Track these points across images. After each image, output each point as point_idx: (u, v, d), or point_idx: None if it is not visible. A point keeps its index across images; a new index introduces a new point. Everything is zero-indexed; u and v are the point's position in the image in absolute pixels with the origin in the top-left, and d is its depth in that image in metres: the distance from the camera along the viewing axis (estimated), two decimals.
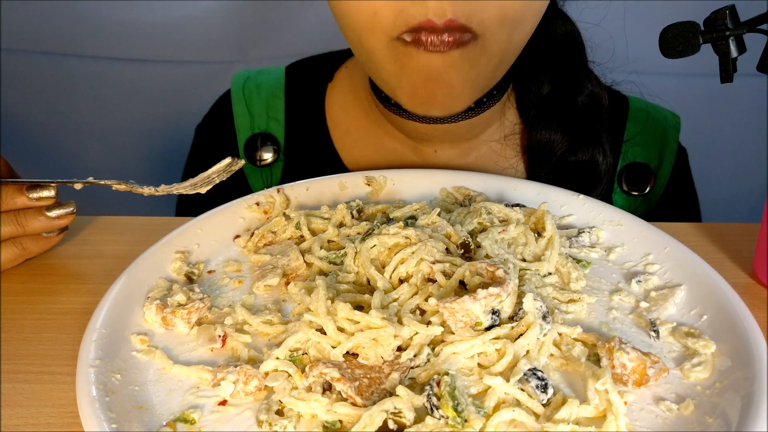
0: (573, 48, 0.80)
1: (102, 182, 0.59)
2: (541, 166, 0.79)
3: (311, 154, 0.85)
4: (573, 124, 0.78)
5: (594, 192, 0.77)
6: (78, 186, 0.60)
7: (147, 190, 0.59)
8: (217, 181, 0.61)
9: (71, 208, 0.62)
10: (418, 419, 0.42)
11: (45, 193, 0.60)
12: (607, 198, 0.81)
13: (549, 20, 0.78)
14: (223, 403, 0.45)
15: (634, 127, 0.85)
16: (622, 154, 0.84)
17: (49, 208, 0.61)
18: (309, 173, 0.72)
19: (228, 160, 0.61)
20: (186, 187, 0.60)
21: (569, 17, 0.81)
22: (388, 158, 0.83)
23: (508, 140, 0.82)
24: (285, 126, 0.86)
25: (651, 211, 0.84)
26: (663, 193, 0.84)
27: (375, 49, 0.66)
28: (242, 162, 0.62)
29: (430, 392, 0.43)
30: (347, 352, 0.48)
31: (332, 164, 0.84)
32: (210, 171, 0.61)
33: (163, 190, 0.60)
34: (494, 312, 0.48)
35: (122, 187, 0.59)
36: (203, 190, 0.61)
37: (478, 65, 0.66)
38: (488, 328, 0.47)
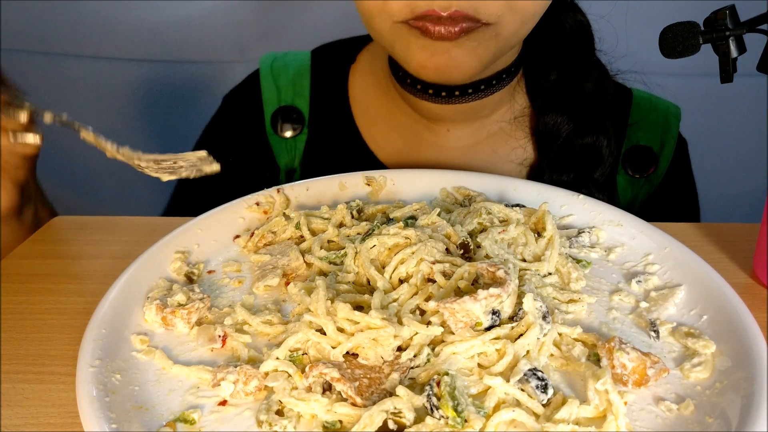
0: (582, 37, 0.85)
1: (73, 123, 0.58)
2: (548, 147, 0.83)
3: (334, 128, 0.89)
4: (579, 110, 0.82)
5: (597, 171, 0.82)
6: (47, 118, 0.59)
7: (111, 148, 0.57)
8: (184, 175, 0.58)
9: (37, 140, 0.60)
10: (418, 419, 0.42)
11: (18, 116, 0.59)
12: (611, 180, 0.85)
13: (560, 10, 0.83)
14: (223, 403, 0.45)
15: (638, 113, 0.88)
16: (626, 138, 0.88)
17: (16, 131, 0.60)
18: (331, 146, 0.73)
19: (203, 153, 0.58)
20: (149, 162, 0.57)
21: (579, 8, 0.85)
22: (403, 135, 0.87)
23: (517, 122, 0.86)
24: (310, 102, 0.90)
25: (652, 194, 0.87)
26: (664, 176, 0.88)
27: (382, 31, 0.72)
28: (216, 166, 0.59)
29: (430, 392, 0.43)
30: (347, 353, 0.48)
31: (353, 139, 0.87)
32: (180, 155, 0.58)
33: (124, 153, 0.57)
34: (494, 312, 0.48)
35: (90, 137, 0.57)
36: (165, 178, 0.58)
37: (485, 44, 0.70)
38: (488, 329, 0.47)
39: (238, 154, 0.88)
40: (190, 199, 0.87)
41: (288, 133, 0.89)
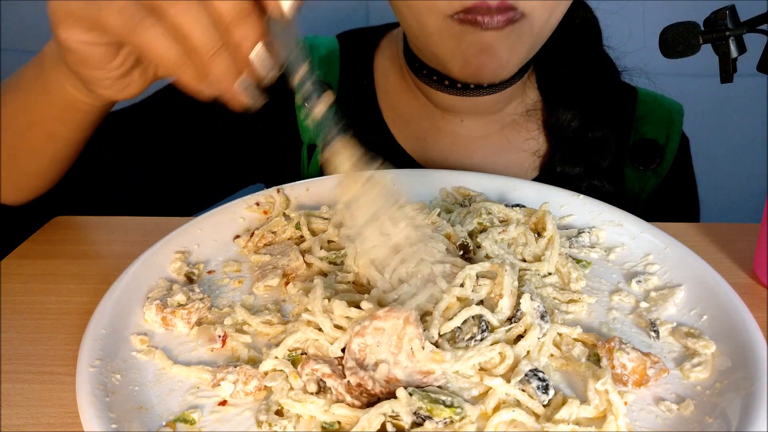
0: (591, 34, 0.88)
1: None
2: (559, 140, 0.86)
3: (359, 110, 0.91)
4: (588, 105, 0.85)
5: (604, 162, 0.85)
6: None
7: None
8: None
9: (258, 98, 0.45)
10: (417, 423, 0.42)
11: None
12: (619, 171, 0.88)
13: (570, 8, 0.84)
14: (223, 403, 0.45)
15: (643, 108, 0.91)
16: (633, 131, 0.90)
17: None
18: (355, 128, 0.74)
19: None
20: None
21: (588, 6, 0.88)
22: (419, 122, 0.89)
23: (530, 114, 0.88)
24: (339, 83, 0.92)
25: (656, 188, 0.90)
26: (669, 169, 0.90)
27: (431, 27, 0.73)
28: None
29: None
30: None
31: (376, 123, 0.89)
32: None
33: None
34: (481, 321, 0.48)
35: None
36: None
37: (523, 40, 0.74)
38: (481, 339, 0.47)
39: (263, 120, 0.89)
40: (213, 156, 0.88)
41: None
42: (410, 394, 0.42)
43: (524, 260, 0.58)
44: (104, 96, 0.55)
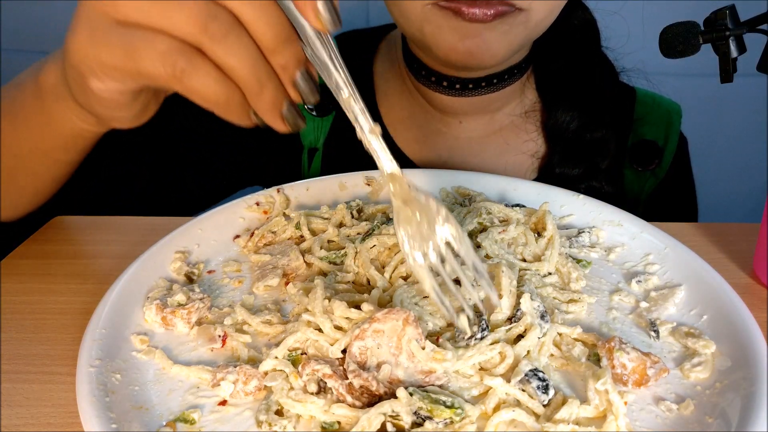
0: (590, 34, 0.87)
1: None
2: (557, 141, 0.86)
3: None
4: (588, 105, 0.85)
5: (603, 162, 0.85)
6: None
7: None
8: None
9: (300, 123, 0.44)
10: (417, 423, 0.42)
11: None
12: (619, 173, 0.88)
13: (569, 9, 0.84)
14: (223, 403, 0.45)
15: (642, 109, 0.91)
16: (632, 132, 0.90)
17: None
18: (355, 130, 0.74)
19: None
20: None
21: (587, 7, 0.88)
22: (418, 123, 0.89)
23: (528, 116, 0.88)
24: None
25: (655, 189, 0.90)
26: (668, 169, 0.90)
27: (411, 14, 0.72)
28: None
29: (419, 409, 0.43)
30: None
31: (374, 121, 0.87)
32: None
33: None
34: (481, 320, 0.48)
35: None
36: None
37: (515, 30, 0.72)
38: (481, 338, 0.47)
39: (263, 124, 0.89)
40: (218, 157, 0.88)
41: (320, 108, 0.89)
42: (411, 394, 0.42)
43: (524, 260, 0.58)
44: (117, 127, 0.53)
